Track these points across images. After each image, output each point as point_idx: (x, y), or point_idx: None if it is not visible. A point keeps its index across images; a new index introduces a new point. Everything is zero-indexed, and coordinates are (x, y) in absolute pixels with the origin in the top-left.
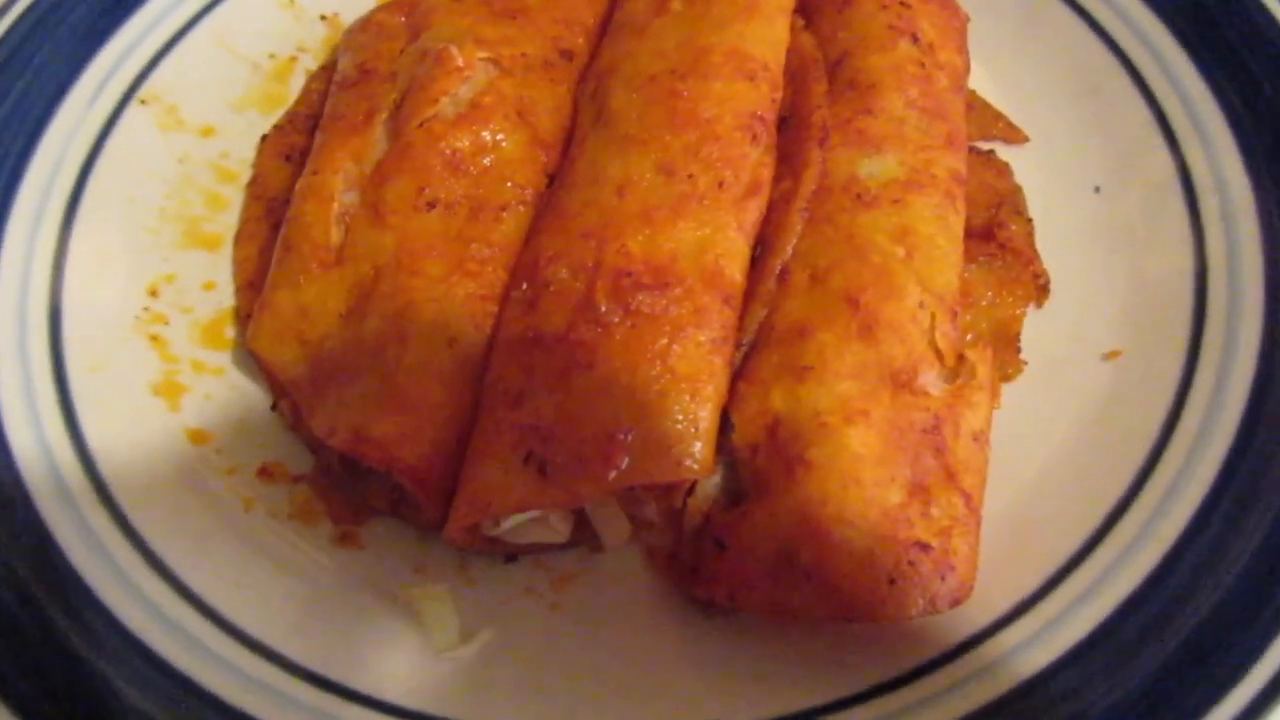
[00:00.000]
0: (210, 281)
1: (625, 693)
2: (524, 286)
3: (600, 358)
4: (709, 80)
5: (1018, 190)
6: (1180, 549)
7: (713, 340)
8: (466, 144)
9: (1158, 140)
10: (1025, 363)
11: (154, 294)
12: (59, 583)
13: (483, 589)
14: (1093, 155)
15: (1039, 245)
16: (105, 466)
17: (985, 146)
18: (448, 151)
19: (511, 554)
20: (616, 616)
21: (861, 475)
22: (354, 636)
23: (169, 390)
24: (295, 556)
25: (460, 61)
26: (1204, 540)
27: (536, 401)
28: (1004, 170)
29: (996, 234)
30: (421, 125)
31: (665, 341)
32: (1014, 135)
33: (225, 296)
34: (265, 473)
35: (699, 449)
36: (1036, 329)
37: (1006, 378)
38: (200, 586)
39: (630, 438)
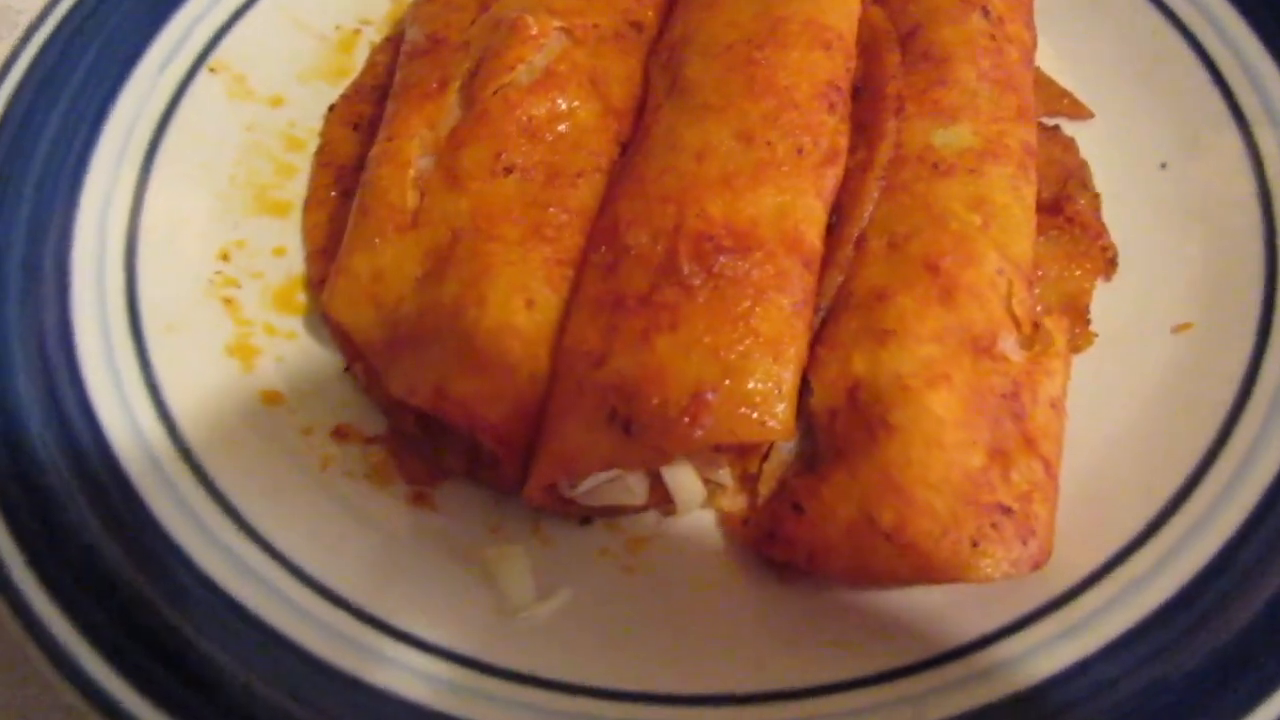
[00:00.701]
0: (280, 247)
1: (698, 654)
2: (603, 250)
3: (683, 318)
4: (786, 49)
5: (1084, 165)
6: (1260, 513)
7: (794, 304)
8: (542, 111)
9: (1225, 118)
10: (1096, 334)
11: (225, 258)
12: (145, 535)
13: (557, 550)
14: (1159, 132)
15: (1106, 220)
16: (184, 423)
17: (1050, 123)
18: (524, 118)
19: (586, 516)
20: (690, 579)
21: (944, 438)
22: (431, 591)
23: (243, 352)
24: (371, 515)
25: (535, 30)
26: None
27: (619, 361)
28: (1070, 145)
29: (1064, 207)
30: (497, 92)
31: (748, 304)
32: (1079, 111)
33: (295, 263)
34: (339, 433)
35: (782, 410)
36: (1105, 302)
37: (1077, 349)
38: (279, 539)
39: (716, 397)
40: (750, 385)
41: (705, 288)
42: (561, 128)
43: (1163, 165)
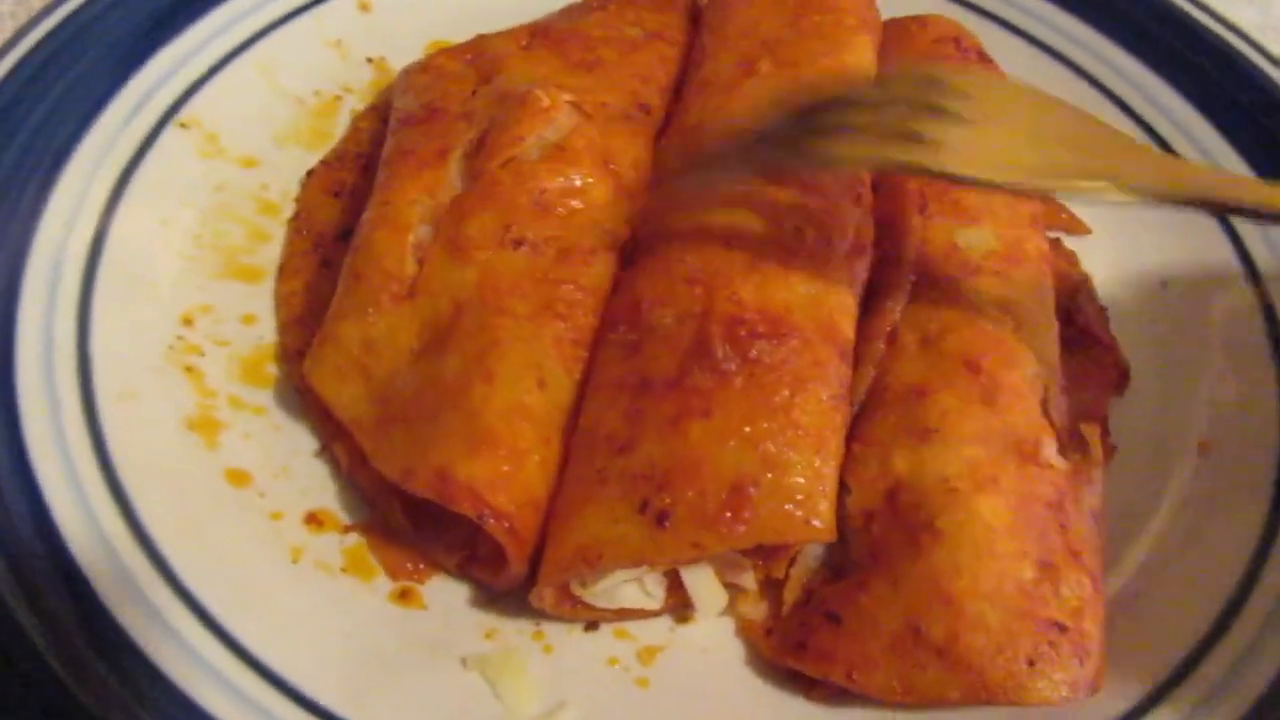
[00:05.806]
0: (250, 315)
1: None
2: (622, 330)
3: (717, 405)
4: None
5: (1088, 278)
6: None
7: (832, 396)
8: (555, 185)
9: (1219, 235)
10: (1115, 447)
11: (189, 323)
12: (93, 627)
13: (561, 658)
14: (1157, 250)
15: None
16: (139, 501)
17: (1051, 236)
18: (535, 191)
19: (593, 621)
20: (709, 694)
21: (995, 547)
22: (419, 700)
23: (205, 426)
24: (351, 613)
25: (546, 103)
26: None
27: (648, 449)
28: (1072, 258)
29: (1075, 318)
30: (506, 164)
31: (787, 393)
32: (1077, 227)
33: (266, 331)
34: (314, 520)
35: (825, 508)
36: (1119, 417)
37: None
38: (247, 637)
39: (758, 491)
40: (794, 480)
41: (741, 374)
42: (575, 203)
43: (1163, 284)
